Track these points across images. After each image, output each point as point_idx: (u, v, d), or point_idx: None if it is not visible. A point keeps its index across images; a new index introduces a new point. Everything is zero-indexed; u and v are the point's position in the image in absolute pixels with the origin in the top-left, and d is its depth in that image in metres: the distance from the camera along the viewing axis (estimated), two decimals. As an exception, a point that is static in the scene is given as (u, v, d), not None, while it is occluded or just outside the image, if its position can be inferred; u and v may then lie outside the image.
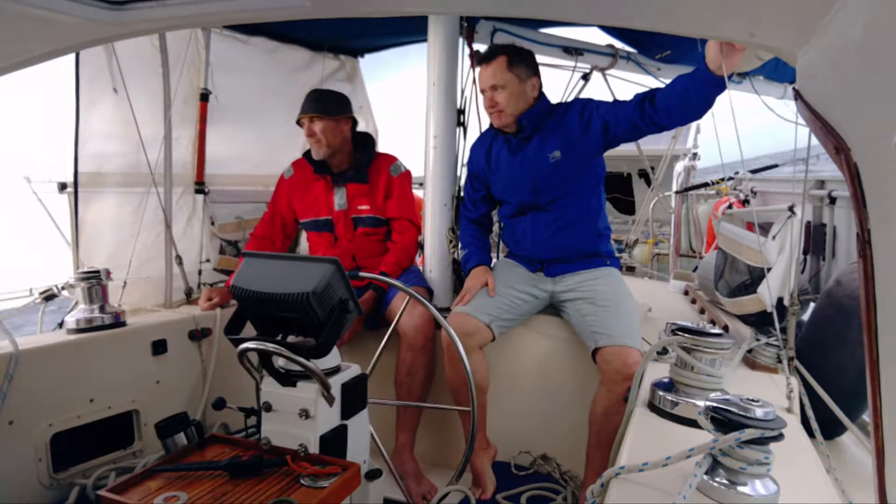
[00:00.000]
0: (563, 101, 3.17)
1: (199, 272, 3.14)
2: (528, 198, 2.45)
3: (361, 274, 2.36)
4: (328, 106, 2.70)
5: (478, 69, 2.48)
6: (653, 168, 5.63)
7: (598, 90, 3.56)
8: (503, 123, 2.43)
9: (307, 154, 2.81)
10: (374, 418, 1.81)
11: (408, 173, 2.86)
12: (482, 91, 2.43)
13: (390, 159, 2.84)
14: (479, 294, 2.42)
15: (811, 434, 1.57)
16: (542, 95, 2.45)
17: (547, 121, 2.43)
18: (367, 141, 2.85)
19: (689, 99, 2.10)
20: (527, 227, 2.49)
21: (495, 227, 3.06)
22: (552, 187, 2.40)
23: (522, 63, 2.38)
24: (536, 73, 2.43)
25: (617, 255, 2.67)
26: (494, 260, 2.81)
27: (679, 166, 6.29)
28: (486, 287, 2.43)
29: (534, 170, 2.41)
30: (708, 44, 1.95)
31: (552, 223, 2.43)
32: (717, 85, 1.99)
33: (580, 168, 2.39)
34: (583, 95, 3.45)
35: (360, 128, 2.92)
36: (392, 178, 2.79)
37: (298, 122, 2.74)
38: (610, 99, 2.53)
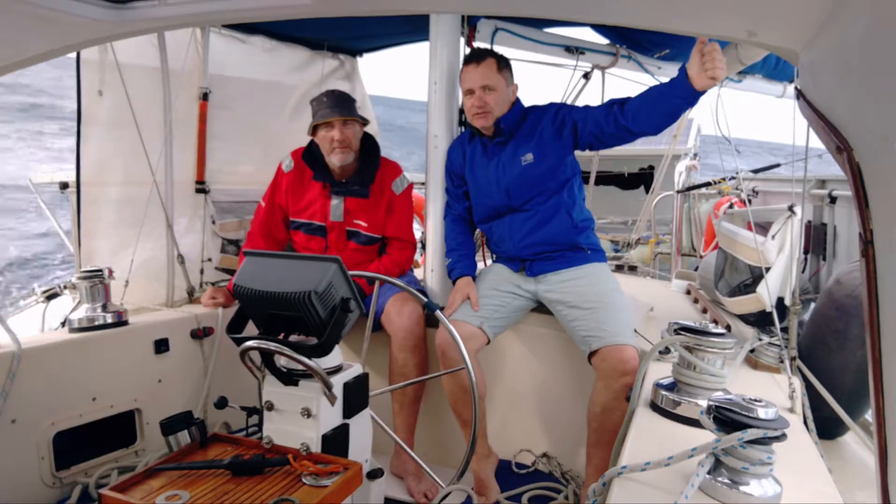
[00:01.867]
0: (561, 100, 3.17)
1: (201, 271, 3.14)
2: (503, 201, 2.47)
3: (356, 272, 2.34)
4: (352, 108, 2.63)
5: (460, 68, 2.49)
6: (652, 167, 5.62)
7: (598, 89, 3.55)
8: (486, 124, 2.43)
9: (306, 153, 2.71)
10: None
11: (410, 187, 2.81)
12: (469, 91, 2.40)
13: (395, 171, 2.76)
14: (466, 301, 2.42)
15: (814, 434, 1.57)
16: (517, 100, 2.48)
17: (522, 125, 2.45)
18: (374, 148, 2.76)
19: (657, 106, 2.10)
20: (504, 228, 2.50)
21: (479, 232, 3.05)
22: (525, 189, 2.41)
23: (507, 68, 2.43)
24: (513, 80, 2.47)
25: (616, 255, 2.67)
26: (489, 262, 2.80)
27: (680, 165, 6.28)
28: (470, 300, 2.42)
29: (507, 174, 2.43)
30: (692, 54, 1.93)
31: (527, 221, 2.43)
32: (688, 96, 1.99)
33: (552, 169, 2.40)
34: (584, 94, 3.45)
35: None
36: (395, 197, 2.73)
37: (314, 128, 2.62)
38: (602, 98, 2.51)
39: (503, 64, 2.41)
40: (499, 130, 2.43)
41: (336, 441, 1.56)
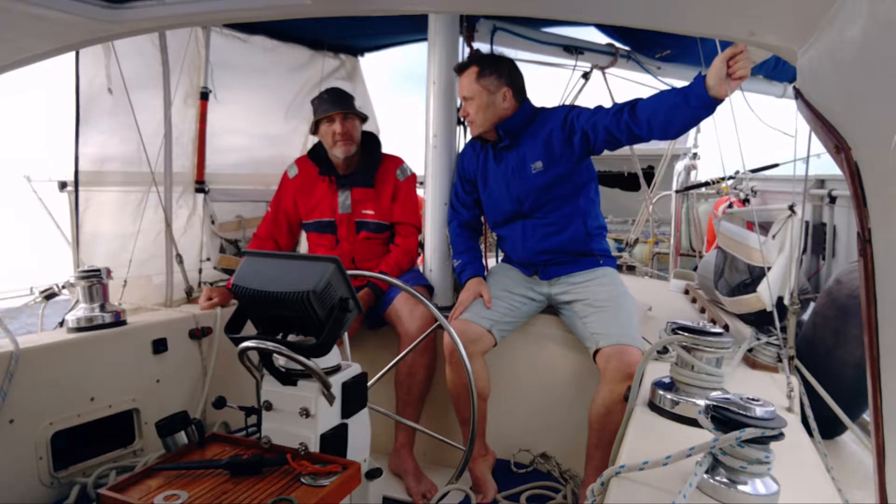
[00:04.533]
0: (561, 103, 3.17)
1: (200, 271, 3.14)
2: (513, 207, 2.46)
3: (362, 273, 2.37)
4: (351, 103, 2.72)
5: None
6: (652, 167, 5.64)
7: (598, 90, 3.56)
8: (475, 132, 2.47)
9: (311, 153, 2.80)
10: (373, 417, 1.81)
11: (413, 176, 2.85)
12: (461, 99, 2.48)
13: (397, 162, 2.82)
14: (476, 301, 2.42)
15: (812, 433, 1.57)
16: (523, 103, 2.43)
17: (527, 129, 2.42)
18: (374, 142, 2.83)
19: (675, 117, 2.03)
20: (517, 234, 2.50)
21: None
22: (536, 196, 2.41)
23: (494, 74, 2.37)
24: (510, 83, 2.39)
25: (617, 254, 2.67)
26: (493, 263, 2.81)
27: (679, 165, 6.29)
28: (482, 298, 2.42)
29: (516, 182, 2.42)
30: (715, 62, 1.90)
31: (540, 228, 2.43)
32: (709, 107, 1.96)
33: (564, 176, 2.38)
34: (583, 94, 3.45)
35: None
36: (398, 183, 2.78)
37: (317, 122, 2.69)
38: (611, 97, 2.50)
39: (486, 72, 2.37)
40: (500, 136, 2.43)
41: (334, 441, 1.56)
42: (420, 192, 2.93)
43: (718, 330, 1.54)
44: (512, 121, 2.40)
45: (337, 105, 2.66)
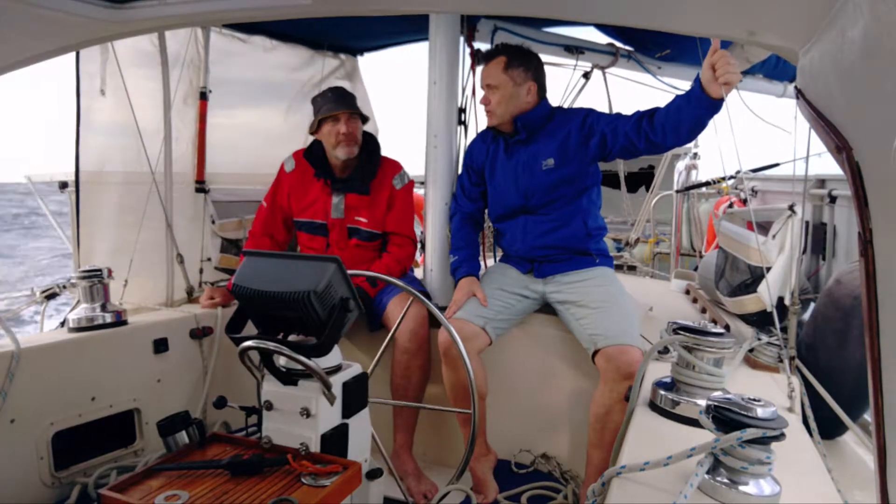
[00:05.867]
0: (566, 104, 3.17)
1: (201, 271, 3.14)
2: (519, 202, 2.47)
3: (360, 273, 2.35)
4: (355, 104, 2.67)
5: (480, 66, 2.51)
6: (652, 167, 5.64)
7: (598, 89, 3.55)
8: (492, 123, 2.47)
9: (307, 152, 2.76)
10: (372, 418, 1.81)
11: (411, 184, 2.81)
12: (482, 88, 2.46)
13: (396, 168, 2.77)
14: (470, 300, 2.42)
15: (812, 434, 1.57)
16: (542, 100, 2.45)
17: (545, 126, 2.43)
18: (374, 145, 2.77)
19: (682, 118, 2.07)
20: (518, 229, 2.50)
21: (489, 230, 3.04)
22: (543, 193, 2.41)
23: (521, 66, 2.39)
24: (536, 78, 2.42)
25: (616, 254, 2.67)
26: (491, 262, 2.80)
27: (680, 165, 6.29)
28: (476, 297, 2.42)
29: (526, 176, 2.43)
30: (704, 64, 1.93)
31: (542, 223, 2.44)
32: (709, 107, 1.97)
33: (572, 177, 2.39)
34: (584, 94, 3.45)
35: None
36: (395, 191, 2.73)
37: (320, 122, 2.62)
38: (608, 97, 2.50)
39: (515, 63, 2.38)
40: (516, 129, 2.43)
41: (335, 441, 1.56)
42: (420, 192, 2.92)
43: (719, 330, 1.54)
44: (531, 115, 2.41)
45: (342, 104, 2.61)
